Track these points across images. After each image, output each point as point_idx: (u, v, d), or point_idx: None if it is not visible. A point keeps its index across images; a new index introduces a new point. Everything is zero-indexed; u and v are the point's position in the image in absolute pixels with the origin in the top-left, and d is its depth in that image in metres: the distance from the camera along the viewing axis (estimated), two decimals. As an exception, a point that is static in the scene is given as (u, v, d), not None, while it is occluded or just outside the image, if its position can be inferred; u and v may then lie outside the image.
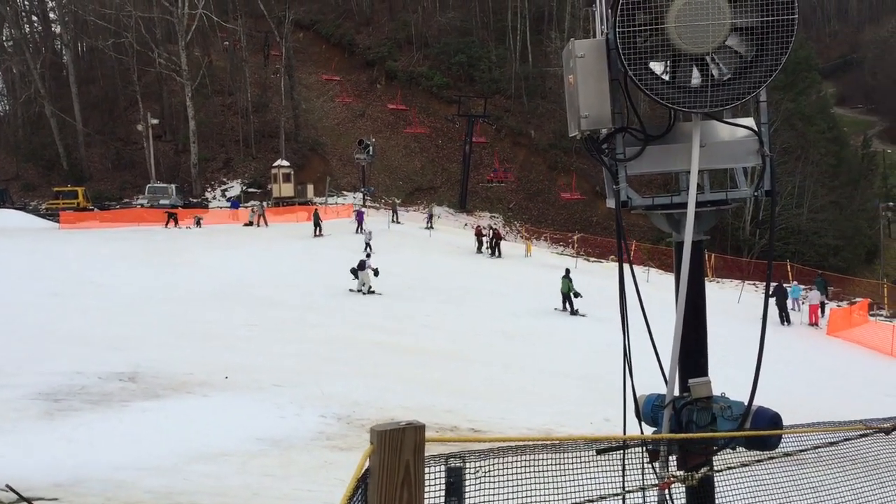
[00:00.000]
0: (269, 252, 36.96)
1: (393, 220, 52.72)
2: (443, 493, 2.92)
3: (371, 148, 61.07)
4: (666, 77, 3.74)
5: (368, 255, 29.58)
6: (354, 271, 28.75)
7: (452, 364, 19.67)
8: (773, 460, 3.73)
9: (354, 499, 2.40)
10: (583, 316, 28.17)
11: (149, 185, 58.75)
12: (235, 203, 56.29)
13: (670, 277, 4.10)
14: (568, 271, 30.30)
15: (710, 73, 3.69)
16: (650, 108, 4.84)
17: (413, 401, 14.59)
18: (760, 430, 3.62)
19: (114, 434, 11.02)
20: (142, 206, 55.99)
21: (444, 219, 60.68)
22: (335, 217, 52.42)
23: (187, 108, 63.45)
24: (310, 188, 61.85)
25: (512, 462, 3.15)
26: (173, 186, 58.45)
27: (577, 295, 28.50)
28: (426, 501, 2.80)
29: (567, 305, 28.74)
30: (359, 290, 28.52)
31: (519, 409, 15.39)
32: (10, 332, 17.99)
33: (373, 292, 28.50)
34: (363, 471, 2.37)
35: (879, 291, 47.25)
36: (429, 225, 52.12)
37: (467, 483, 3.12)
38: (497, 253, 44.06)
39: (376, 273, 28.79)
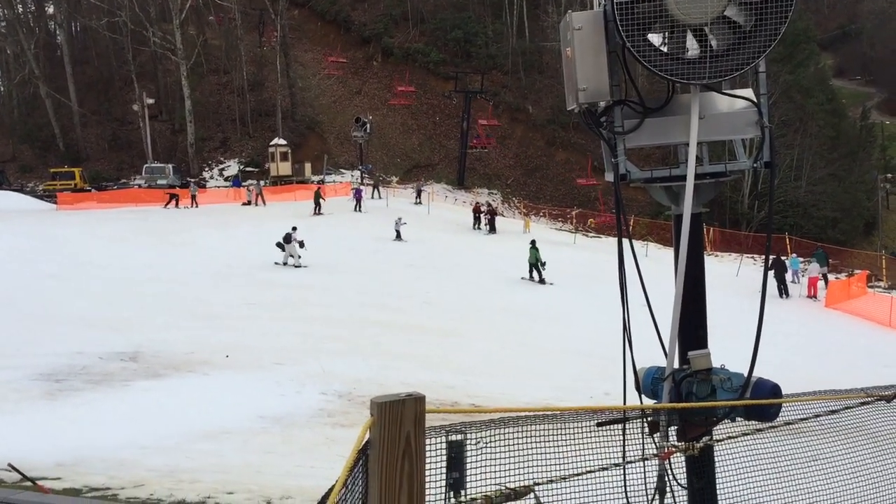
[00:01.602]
0: (268, 231, 36.90)
1: (374, 197, 52.32)
2: (443, 464, 2.93)
3: (368, 125, 60.79)
4: (664, 48, 3.70)
5: (293, 229, 29.40)
6: (280, 245, 28.81)
7: (452, 341, 19.73)
8: (774, 430, 3.75)
9: (355, 470, 2.40)
10: (550, 284, 29.27)
11: (146, 166, 58.48)
12: (237, 182, 56.14)
13: (669, 252, 4.10)
14: (534, 242, 31.13)
15: (708, 44, 3.65)
16: (648, 80, 4.81)
17: (414, 377, 14.66)
18: (761, 400, 3.64)
19: (115, 413, 11.08)
20: (139, 186, 55.82)
21: (442, 195, 60.55)
22: (333, 195, 52.30)
23: (183, 88, 63.06)
24: (307, 167, 61.62)
25: (512, 435, 3.16)
26: (171, 166, 58.20)
27: (543, 264, 29.58)
28: (428, 474, 2.82)
29: (534, 275, 29.71)
30: (284, 263, 28.52)
31: (519, 385, 15.47)
32: (10, 314, 18.03)
33: (300, 266, 28.54)
34: (364, 442, 2.38)
35: (878, 263, 47.29)
36: (417, 200, 52.55)
37: (468, 455, 3.14)
38: (492, 229, 44.17)
39: (302, 245, 28.90)
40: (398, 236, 36.58)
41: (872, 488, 4.15)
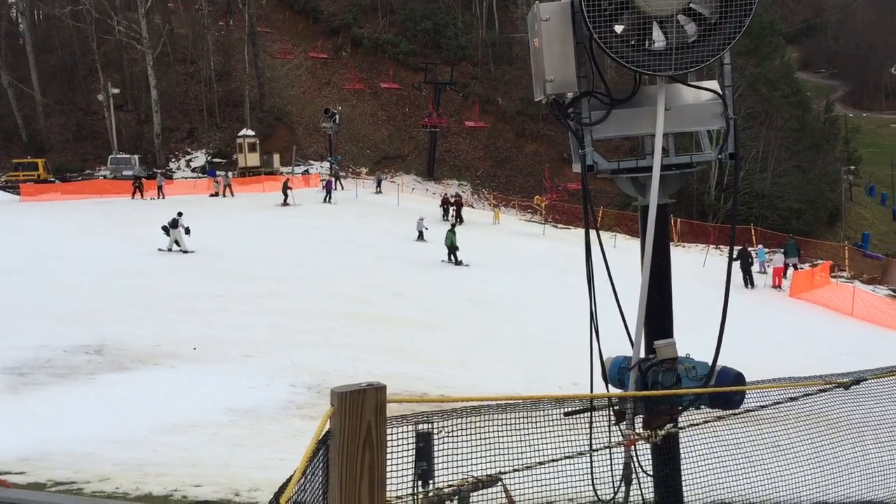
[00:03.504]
0: (237, 223, 36.62)
1: (339, 189, 51.99)
2: (408, 455, 2.93)
3: (337, 116, 60.45)
4: (631, 40, 3.73)
5: (179, 214, 29.19)
6: (166, 229, 28.57)
7: (423, 332, 19.74)
8: (737, 417, 3.81)
9: (315, 460, 2.39)
10: (466, 266, 30.75)
11: (111, 156, 57.64)
12: (212, 171, 55.52)
13: (637, 243, 4.14)
14: (453, 226, 32.66)
15: (674, 36, 3.68)
16: (617, 72, 4.84)
17: (383, 369, 14.65)
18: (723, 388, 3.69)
19: (81, 407, 10.95)
20: (104, 177, 55.01)
21: (411, 187, 60.46)
22: (303, 186, 51.96)
23: (149, 77, 62.19)
24: (276, 158, 61.18)
25: (479, 424, 3.17)
26: (136, 157, 57.42)
27: (456, 248, 31.36)
28: (395, 464, 2.82)
29: (451, 257, 31.17)
30: (169, 249, 28.33)
31: (489, 376, 15.53)
32: (-28, 307, 17.70)
33: (186, 251, 28.41)
34: (324, 433, 2.37)
35: (841, 254, 48.15)
36: (378, 190, 53.07)
37: (436, 445, 3.15)
38: (459, 220, 44.21)
39: (188, 232, 28.77)
40: (420, 237, 36.37)
41: (830, 473, 4.23)
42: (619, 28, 3.67)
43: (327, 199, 45.89)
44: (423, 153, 67.69)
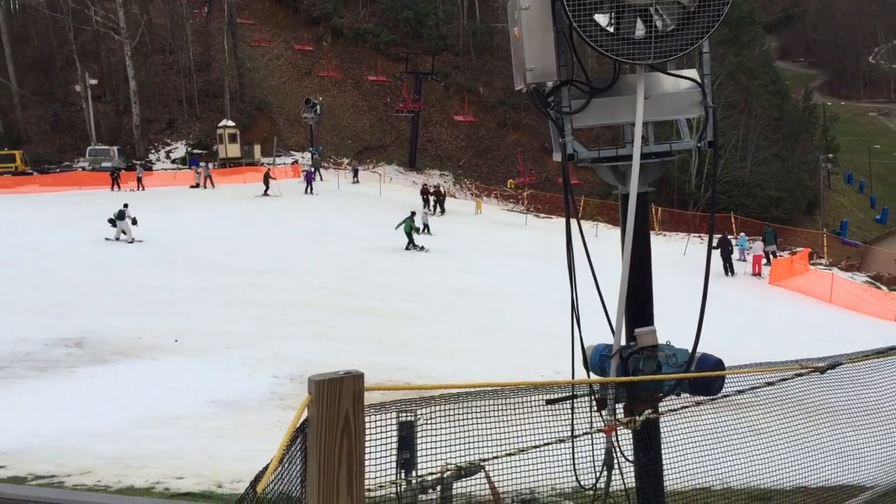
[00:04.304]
0: (218, 214, 36.40)
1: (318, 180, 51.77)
2: (388, 443, 2.93)
3: (318, 107, 60.16)
4: (610, 29, 3.74)
5: (125, 205, 29.11)
6: (112, 221, 28.48)
7: (406, 323, 19.74)
8: (716, 403, 3.85)
9: (293, 449, 2.39)
10: (427, 251, 31.41)
11: (90, 148, 57.05)
12: (195, 161, 55.09)
13: (619, 231, 4.16)
14: (413, 213, 32.77)
15: (653, 25, 3.69)
16: (597, 61, 4.85)
17: (366, 360, 14.65)
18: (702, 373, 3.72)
19: (61, 400, 10.87)
20: (83, 169, 54.44)
21: (394, 177, 60.36)
22: (284, 177, 51.72)
23: (127, 68, 61.52)
24: (257, 148, 60.78)
25: (461, 413, 3.18)
26: (115, 148, 56.84)
27: (418, 231, 32.19)
28: (378, 453, 2.82)
29: (411, 244, 31.63)
30: (116, 239, 28.22)
31: (471, 366, 15.57)
32: (-51, 300, 17.51)
33: (133, 241, 28.29)
34: (300, 421, 2.36)
35: (819, 241, 48.62)
36: (355, 180, 53.56)
37: (419, 434, 3.15)
38: (441, 210, 44.23)
39: (134, 222, 28.66)
40: (426, 229, 36.31)
41: (807, 457, 4.29)
42: (599, 17, 3.68)
43: (308, 189, 45.71)
44: (405, 143, 67.54)
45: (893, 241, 47.36)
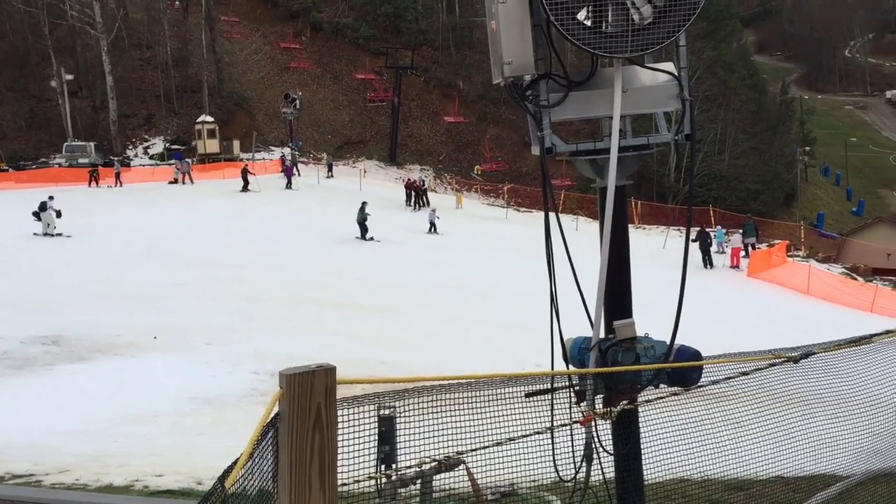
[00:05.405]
0: (197, 210, 36.15)
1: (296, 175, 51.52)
2: (367, 437, 2.93)
3: (297, 102, 59.88)
4: (587, 22, 3.74)
5: (50, 198, 28.99)
6: (37, 214, 28.32)
7: (387, 317, 19.72)
8: (690, 393, 3.88)
9: (264, 443, 2.37)
10: (378, 241, 31.84)
11: (66, 144, 56.48)
12: (178, 156, 54.59)
13: (598, 225, 4.17)
14: (364, 204, 33.18)
15: (630, 18, 3.70)
16: (576, 55, 4.85)
17: (346, 354, 14.61)
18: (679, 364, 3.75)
19: (39, 399, 10.78)
20: (60, 165, 53.87)
21: (374, 172, 60.25)
22: (264, 172, 51.44)
23: (103, 63, 60.88)
24: (236, 144, 60.35)
25: (440, 406, 3.18)
26: (92, 144, 56.32)
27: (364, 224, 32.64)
28: (356, 448, 2.82)
29: (363, 234, 32.22)
30: (45, 234, 28.02)
31: (452, 360, 15.58)
32: (-76, 299, 17.28)
33: (59, 234, 28.08)
34: (272, 415, 2.35)
35: (797, 233, 49.10)
36: (329, 174, 53.65)
37: (399, 428, 3.15)
38: (420, 205, 44.22)
39: (59, 215, 28.52)
40: (433, 228, 36.20)
41: (782, 447, 4.33)
42: (577, 13, 3.69)
43: (288, 185, 45.54)
44: (384, 138, 67.37)
45: (869, 233, 47.92)
